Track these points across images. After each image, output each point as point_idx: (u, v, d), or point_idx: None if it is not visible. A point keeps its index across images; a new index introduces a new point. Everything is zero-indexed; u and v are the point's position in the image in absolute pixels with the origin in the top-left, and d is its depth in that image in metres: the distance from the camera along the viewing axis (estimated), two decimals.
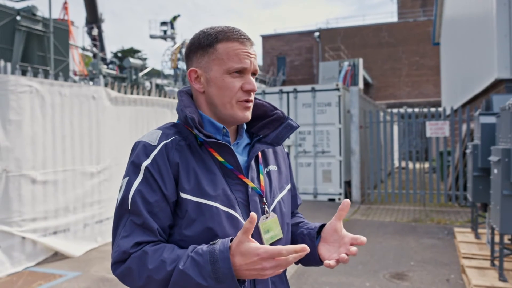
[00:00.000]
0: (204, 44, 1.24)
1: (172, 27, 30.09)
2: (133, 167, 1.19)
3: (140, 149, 1.19)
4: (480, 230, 6.09)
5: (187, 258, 1.07)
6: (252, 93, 1.25)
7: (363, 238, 1.19)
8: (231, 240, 1.09)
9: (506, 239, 4.61)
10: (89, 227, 6.03)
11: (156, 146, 1.19)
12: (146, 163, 1.17)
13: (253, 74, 1.26)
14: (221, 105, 1.23)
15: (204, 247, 1.08)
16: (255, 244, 1.04)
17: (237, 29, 1.25)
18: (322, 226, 1.34)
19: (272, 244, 1.25)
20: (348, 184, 10.38)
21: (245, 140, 1.34)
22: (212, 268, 1.03)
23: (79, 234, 5.87)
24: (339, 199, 10.11)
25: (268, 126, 1.35)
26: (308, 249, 1.03)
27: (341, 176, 10.13)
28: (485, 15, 8.16)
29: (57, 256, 5.53)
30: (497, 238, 4.64)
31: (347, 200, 1.22)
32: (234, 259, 1.04)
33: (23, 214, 5.10)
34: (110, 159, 6.41)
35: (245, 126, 1.34)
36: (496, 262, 4.55)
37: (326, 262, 1.14)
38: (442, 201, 9.45)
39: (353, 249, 1.17)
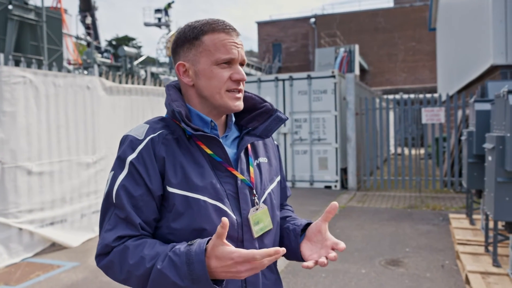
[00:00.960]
0: (190, 37, 1.24)
1: (167, 14, 29.84)
2: (118, 162, 1.20)
3: (127, 144, 1.21)
4: (474, 216, 6.14)
5: (165, 257, 1.08)
6: (241, 83, 1.25)
7: (342, 245, 1.21)
8: (208, 241, 1.09)
9: (500, 225, 4.65)
10: (86, 217, 6.04)
11: (142, 141, 1.19)
12: (131, 157, 1.18)
13: (241, 64, 1.26)
14: (210, 96, 1.23)
15: (182, 247, 1.09)
16: (229, 248, 1.04)
17: (221, 20, 1.25)
18: (308, 224, 1.35)
19: (262, 235, 1.28)
20: (344, 171, 10.42)
21: (234, 133, 1.35)
22: (188, 269, 1.05)
23: (76, 225, 5.89)
24: (336, 186, 10.16)
25: (257, 118, 1.35)
26: (281, 252, 1.03)
27: (337, 163, 10.16)
28: (481, 1, 8.13)
29: (54, 246, 5.55)
30: (491, 224, 4.68)
31: (335, 203, 1.22)
32: (209, 262, 1.05)
33: (20, 206, 5.11)
34: (106, 149, 6.40)
35: (233, 119, 1.34)
36: (490, 248, 4.60)
37: (304, 264, 1.15)
38: (437, 187, 9.51)
39: (333, 254, 1.18)
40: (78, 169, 5.93)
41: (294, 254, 1.32)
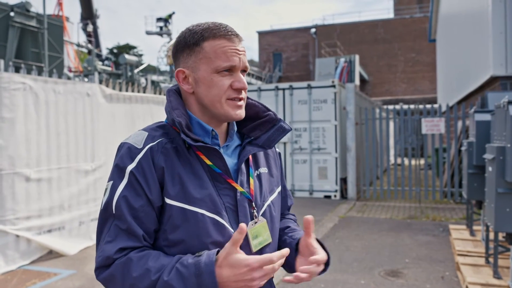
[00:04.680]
0: (190, 43, 1.19)
1: (166, 25, 29.93)
2: (117, 171, 1.16)
3: (125, 152, 1.17)
4: (475, 227, 6.10)
5: (172, 269, 1.05)
6: (243, 91, 1.21)
7: (315, 258, 1.17)
8: (218, 252, 1.07)
9: (500, 236, 4.62)
10: (84, 225, 6.00)
11: (141, 149, 1.15)
12: (131, 167, 1.14)
13: (243, 71, 1.22)
14: (211, 105, 1.19)
15: (189, 258, 1.06)
16: (243, 255, 1.03)
17: (224, 25, 1.21)
18: None
19: (260, 249, 1.24)
20: (344, 181, 10.39)
21: (235, 141, 1.31)
22: (197, 281, 1.02)
23: (74, 232, 5.85)
24: (335, 196, 10.12)
25: (259, 127, 1.31)
26: (288, 251, 1.08)
27: (337, 173, 10.14)
28: (481, 12, 8.16)
29: (51, 254, 5.50)
30: (491, 235, 4.65)
31: (308, 217, 1.20)
32: (221, 272, 1.02)
33: (17, 212, 5.07)
34: (105, 157, 6.38)
35: (235, 128, 1.31)
36: (491, 259, 4.56)
37: (285, 278, 1.13)
38: (437, 198, 9.47)
39: (302, 275, 1.14)
40: (77, 176, 5.91)
41: (292, 268, 1.30)
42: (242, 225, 1.00)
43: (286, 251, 1.05)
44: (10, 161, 5.01)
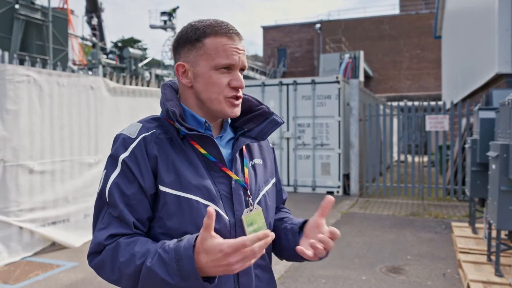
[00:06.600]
0: (192, 39, 1.22)
1: (171, 19, 29.90)
2: (111, 160, 1.20)
3: (119, 142, 1.21)
4: (477, 225, 6.09)
5: (155, 254, 1.06)
6: (240, 90, 1.24)
7: (336, 231, 1.20)
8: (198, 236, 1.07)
9: (503, 234, 4.60)
10: (90, 217, 6.02)
11: (134, 139, 1.19)
12: (123, 155, 1.17)
13: (242, 70, 1.25)
14: (208, 100, 1.22)
15: (171, 243, 1.07)
16: (218, 240, 1.01)
17: (225, 23, 1.23)
18: (306, 221, 1.34)
19: None
20: (346, 177, 10.38)
21: (228, 134, 1.34)
22: (176, 266, 1.02)
23: (80, 224, 5.87)
24: (338, 192, 10.12)
25: (252, 120, 1.34)
26: (272, 235, 1.01)
27: (340, 169, 10.13)
28: (487, 9, 8.11)
29: (54, 246, 5.54)
30: (494, 233, 4.64)
31: (330, 196, 1.21)
32: (199, 257, 1.02)
33: (21, 204, 5.10)
34: (108, 150, 6.38)
35: (229, 120, 1.33)
36: (493, 257, 4.56)
37: (299, 247, 1.14)
38: (440, 195, 9.46)
39: (329, 243, 1.17)
40: (80, 169, 5.93)
41: (293, 253, 1.29)
42: (210, 209, 0.99)
43: (262, 233, 0.99)
44: (14, 153, 5.03)
